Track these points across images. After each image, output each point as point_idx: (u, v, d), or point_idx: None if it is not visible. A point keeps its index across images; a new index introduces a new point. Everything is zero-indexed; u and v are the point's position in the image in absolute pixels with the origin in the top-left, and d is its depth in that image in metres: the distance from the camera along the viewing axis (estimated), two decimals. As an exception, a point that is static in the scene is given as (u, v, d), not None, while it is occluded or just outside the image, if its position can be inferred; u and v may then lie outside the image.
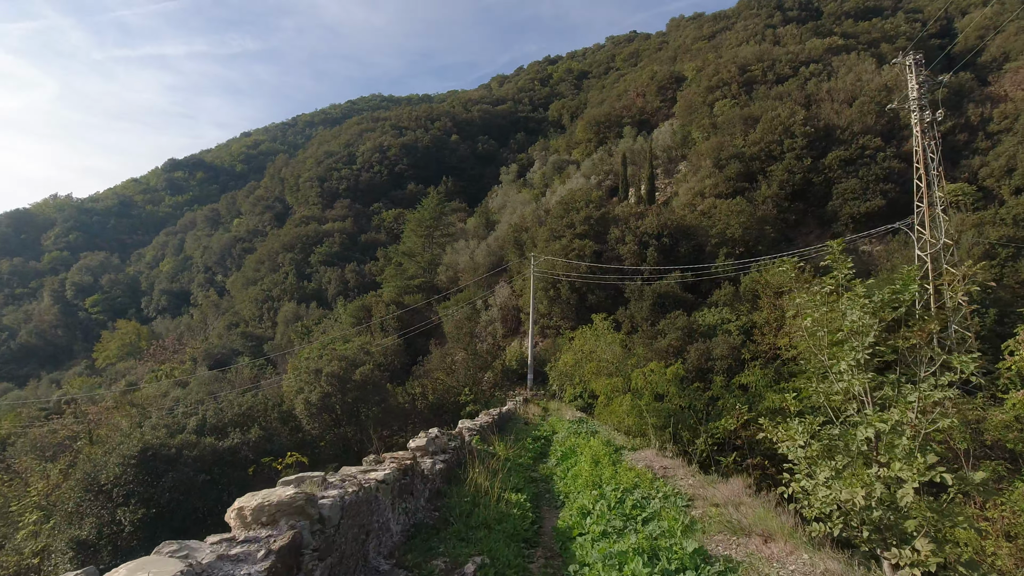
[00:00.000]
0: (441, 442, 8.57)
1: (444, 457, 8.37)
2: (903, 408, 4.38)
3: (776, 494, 6.39)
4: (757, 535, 5.39)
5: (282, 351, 56.77)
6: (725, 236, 39.57)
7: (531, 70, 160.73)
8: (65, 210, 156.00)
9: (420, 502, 6.94)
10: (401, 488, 6.18)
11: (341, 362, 33.25)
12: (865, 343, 4.83)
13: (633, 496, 7.53)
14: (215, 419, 30.01)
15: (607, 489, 8.10)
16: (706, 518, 6.50)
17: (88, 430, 35.80)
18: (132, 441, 25.56)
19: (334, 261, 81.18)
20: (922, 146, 28.61)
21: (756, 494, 7.17)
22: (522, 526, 6.95)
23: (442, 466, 8.11)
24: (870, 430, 4.29)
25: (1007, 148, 41.64)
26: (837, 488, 4.44)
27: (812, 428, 4.88)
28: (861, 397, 4.86)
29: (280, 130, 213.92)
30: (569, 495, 8.76)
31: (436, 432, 8.83)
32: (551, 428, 17.48)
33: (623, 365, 24.58)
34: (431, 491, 7.54)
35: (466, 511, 7.07)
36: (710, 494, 7.52)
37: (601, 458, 10.09)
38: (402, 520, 6.21)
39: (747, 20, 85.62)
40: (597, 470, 9.26)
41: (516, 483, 8.93)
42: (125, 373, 75.12)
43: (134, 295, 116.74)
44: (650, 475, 8.68)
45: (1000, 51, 59.63)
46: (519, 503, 7.67)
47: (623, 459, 10.30)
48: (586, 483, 8.74)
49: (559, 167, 75.28)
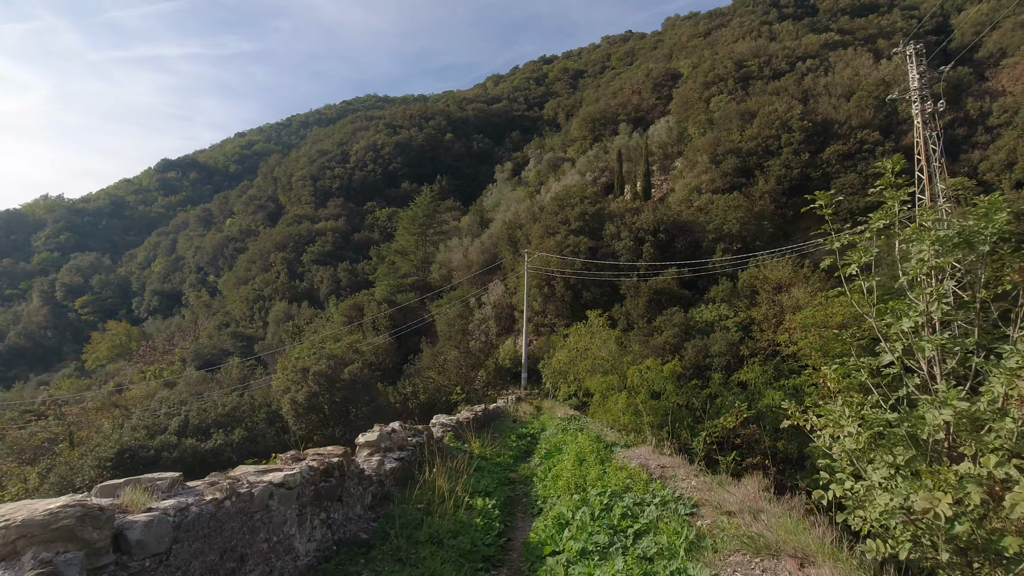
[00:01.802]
0: (399, 437, 7.40)
1: (400, 455, 7.09)
2: (1008, 378, 3.08)
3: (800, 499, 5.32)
4: (789, 556, 4.14)
5: (272, 351, 55.79)
6: (722, 232, 38.84)
7: (527, 69, 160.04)
8: (56, 210, 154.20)
9: (356, 510, 5.65)
10: (319, 494, 4.93)
11: (329, 361, 32.41)
12: (941, 291, 3.62)
13: (623, 502, 6.30)
14: (198, 420, 29.20)
15: (591, 493, 6.80)
16: (716, 531, 5.20)
17: (69, 432, 34.78)
18: (109, 443, 24.75)
19: (326, 260, 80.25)
20: (924, 137, 27.95)
21: (777, 498, 5.88)
22: (484, 540, 5.73)
23: (395, 465, 6.78)
24: (946, 412, 3.04)
25: (1007, 142, 41.06)
26: (903, 491, 3.17)
27: (862, 410, 3.72)
28: (929, 368, 3.67)
29: (274, 130, 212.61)
30: (548, 499, 7.51)
31: (396, 426, 7.70)
32: (540, 426, 16.60)
33: (619, 363, 23.88)
34: (376, 496, 6.22)
35: (415, 521, 5.79)
36: (719, 499, 6.17)
37: (587, 455, 8.83)
38: (319, 536, 4.88)
39: (743, 17, 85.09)
40: (582, 469, 7.98)
41: (487, 485, 7.75)
42: (115, 374, 73.93)
43: (125, 296, 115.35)
44: (645, 475, 7.43)
45: (997, 47, 59.22)
46: (485, 510, 6.43)
47: (614, 457, 9.02)
48: (567, 485, 7.47)
49: (554, 165, 74.52)
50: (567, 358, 27.02)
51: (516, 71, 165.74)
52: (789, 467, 21.95)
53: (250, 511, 3.94)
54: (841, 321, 23.91)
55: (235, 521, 3.78)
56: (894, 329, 3.46)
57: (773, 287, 30.87)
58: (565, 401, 27.95)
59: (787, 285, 30.32)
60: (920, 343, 3.33)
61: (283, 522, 4.33)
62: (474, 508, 6.45)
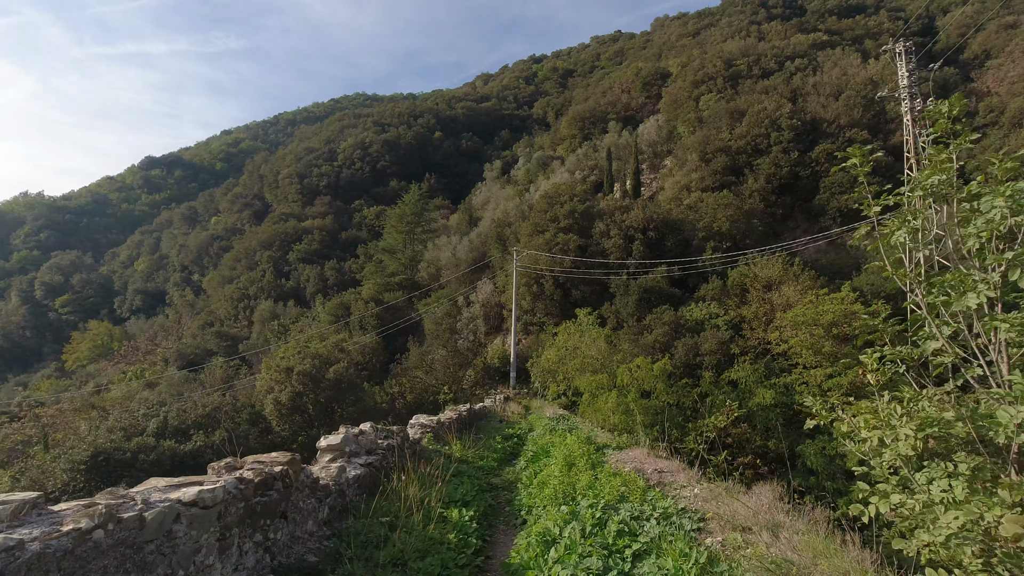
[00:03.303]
0: (367, 440, 6.52)
1: (368, 460, 6.20)
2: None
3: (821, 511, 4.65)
4: (825, 588, 3.57)
5: (257, 350, 54.84)
6: (712, 230, 38.62)
7: (516, 68, 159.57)
8: (36, 208, 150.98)
9: (307, 527, 4.74)
10: (252, 511, 4.06)
11: (314, 360, 31.74)
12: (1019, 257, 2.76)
13: (619, 515, 5.47)
14: (177, 421, 28.36)
15: (582, 504, 5.90)
16: (730, 551, 4.45)
17: (43, 434, 33.80)
18: (83, 445, 23.88)
19: (313, 259, 79.24)
20: (913, 135, 27.87)
21: (796, 510, 5.12)
22: (457, 560, 4.91)
23: (360, 472, 5.87)
24: (1023, 409, 2.42)
25: (993, 141, 41.22)
26: (974, 509, 2.52)
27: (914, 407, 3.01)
28: (997, 354, 2.91)
29: (261, 128, 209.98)
30: (533, 509, 6.62)
31: (367, 427, 6.95)
32: (528, 426, 16.11)
33: (608, 361, 23.52)
34: (334, 509, 5.28)
35: (377, 539, 4.89)
36: (729, 510, 5.30)
37: (577, 459, 7.94)
38: (252, 563, 4.00)
39: (731, 17, 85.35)
40: (571, 475, 7.09)
41: (465, 493, 6.82)
42: (95, 375, 72.43)
43: (107, 295, 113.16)
44: (642, 482, 6.60)
45: (981, 48, 59.78)
46: (461, 524, 5.57)
47: (606, 460, 8.32)
48: (555, 494, 6.55)
49: (543, 163, 74.11)
50: (556, 357, 26.65)
51: (505, 70, 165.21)
52: (780, 467, 21.73)
53: (138, 542, 3.06)
54: (832, 319, 23.79)
55: (110, 558, 2.86)
56: (955, 306, 2.83)
57: (763, 285, 30.68)
58: (554, 400, 27.57)
59: (777, 283, 30.15)
60: (993, 322, 2.71)
61: (195, 551, 3.45)
62: (449, 521, 5.64)
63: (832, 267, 35.42)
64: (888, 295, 27.83)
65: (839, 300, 23.72)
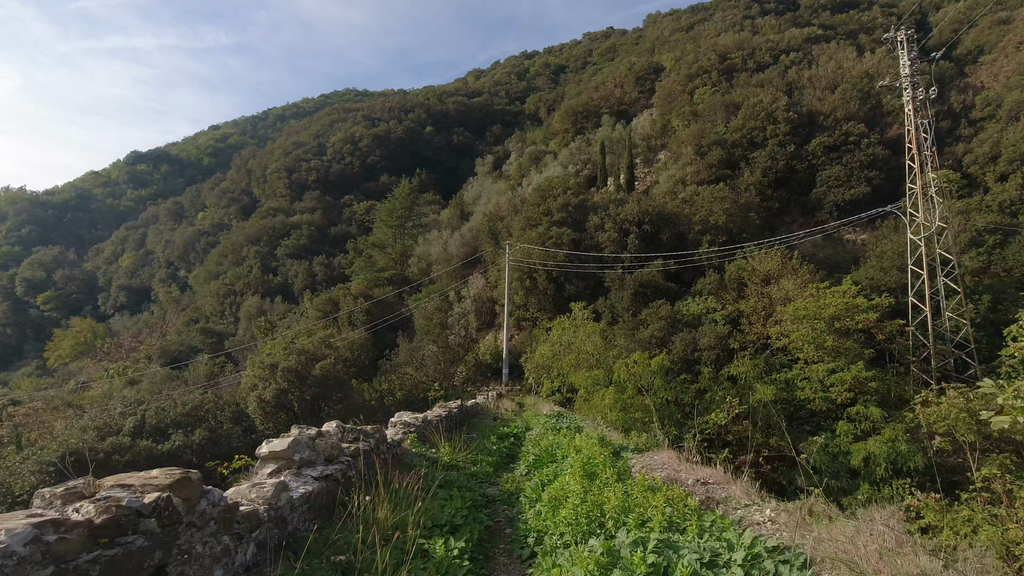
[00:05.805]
0: (328, 444, 4.91)
1: (325, 471, 4.63)
2: None
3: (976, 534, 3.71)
4: None
5: (243, 347, 53.56)
6: (708, 223, 37.94)
7: (508, 64, 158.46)
8: (18, 203, 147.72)
9: None
10: (84, 573, 2.46)
11: (300, 356, 30.70)
12: None
13: (682, 557, 3.67)
14: (156, 420, 27.20)
15: (621, 537, 4.10)
16: None
17: (16, 434, 32.48)
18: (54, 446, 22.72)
19: (302, 254, 77.87)
20: (915, 124, 27.27)
21: (925, 535, 3.81)
22: None
23: (313, 488, 4.31)
24: None
25: (990, 135, 40.92)
26: None
27: None
28: None
29: (250, 123, 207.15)
30: (545, 538, 4.84)
31: (333, 426, 5.46)
32: (524, 424, 15.21)
33: (604, 357, 22.82)
34: (264, 546, 3.62)
35: None
36: (835, 546, 3.52)
37: (597, 466, 6.21)
38: None
39: (725, 11, 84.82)
40: (594, 489, 5.26)
41: (453, 513, 5.16)
42: (77, 373, 70.68)
43: (91, 292, 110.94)
44: (692, 501, 4.90)
45: (975, 44, 59.61)
46: (447, 562, 3.95)
47: (629, 466, 6.69)
48: (575, 516, 4.70)
49: (536, 158, 73.20)
50: (550, 352, 25.95)
51: (497, 66, 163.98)
52: (783, 465, 21.03)
53: None
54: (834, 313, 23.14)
55: None
56: None
57: (761, 279, 30.04)
58: (549, 397, 26.83)
59: (775, 277, 29.51)
60: None
61: None
62: (431, 556, 4.03)
63: (829, 261, 34.91)
64: (890, 289, 27.28)
65: (841, 294, 23.07)
